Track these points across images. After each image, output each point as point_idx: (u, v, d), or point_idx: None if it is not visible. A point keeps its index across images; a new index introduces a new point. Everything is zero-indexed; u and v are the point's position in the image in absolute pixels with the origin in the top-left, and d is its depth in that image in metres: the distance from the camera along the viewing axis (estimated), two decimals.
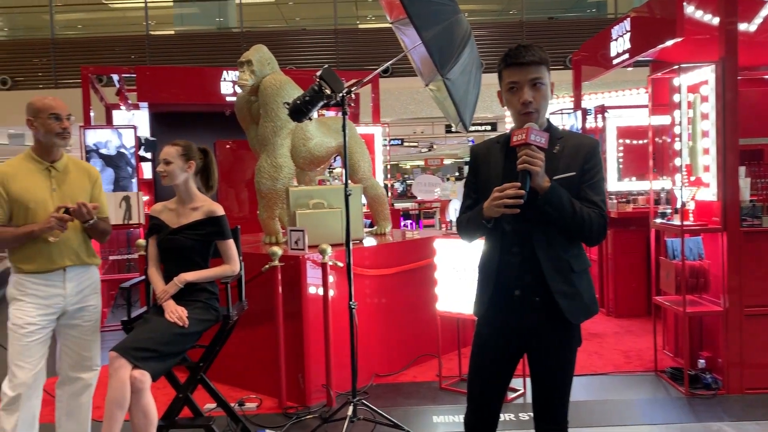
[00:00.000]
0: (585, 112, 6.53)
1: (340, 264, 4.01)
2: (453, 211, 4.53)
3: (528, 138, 1.97)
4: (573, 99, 6.83)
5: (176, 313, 2.88)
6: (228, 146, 7.79)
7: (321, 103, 3.35)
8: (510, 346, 2.22)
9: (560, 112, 7.01)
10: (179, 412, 3.10)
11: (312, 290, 4.00)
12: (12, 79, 13.50)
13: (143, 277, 3.23)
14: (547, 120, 2.17)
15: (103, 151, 5.89)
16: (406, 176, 24.27)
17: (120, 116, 7.93)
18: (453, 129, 18.08)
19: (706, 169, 4.08)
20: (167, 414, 3.06)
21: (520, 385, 4.04)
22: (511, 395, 3.95)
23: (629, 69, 5.78)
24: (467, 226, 2.22)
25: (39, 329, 2.78)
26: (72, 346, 2.93)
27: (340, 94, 3.29)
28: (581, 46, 6.63)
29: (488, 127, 16.94)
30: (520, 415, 3.71)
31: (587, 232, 2.06)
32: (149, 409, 2.69)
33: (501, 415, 2.31)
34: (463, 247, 3.94)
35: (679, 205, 4.13)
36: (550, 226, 2.06)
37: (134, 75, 7.28)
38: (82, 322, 2.92)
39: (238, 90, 4.78)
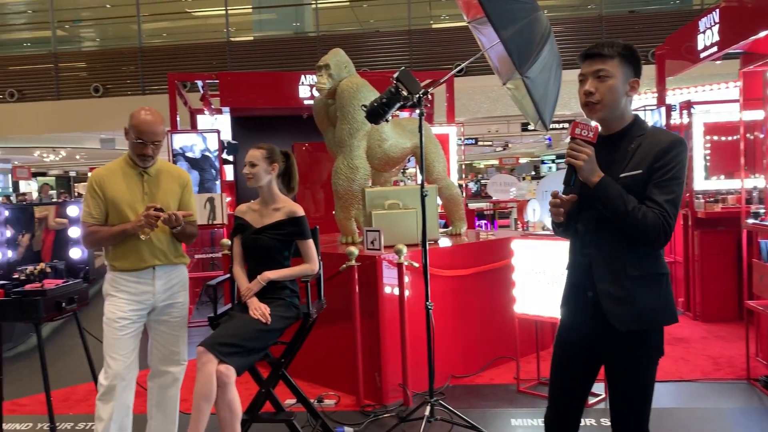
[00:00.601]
0: (669, 109, 6.27)
1: (416, 264, 4.02)
2: (531, 212, 4.46)
3: (573, 131, 2.00)
4: (656, 95, 6.58)
5: (260, 310, 2.97)
6: (304, 148, 7.96)
7: (398, 105, 3.38)
8: (586, 348, 2.17)
9: (643, 108, 6.77)
10: (262, 406, 3.20)
11: (388, 290, 4.03)
12: (103, 87, 14.27)
13: (228, 275, 3.35)
14: (635, 116, 2.12)
15: (188, 154, 6.14)
16: (480, 176, 24.03)
17: (203, 120, 8.24)
18: (530, 127, 17.79)
19: None
20: (250, 408, 3.16)
21: (602, 390, 3.93)
22: (591, 400, 3.85)
23: (717, 62, 5.52)
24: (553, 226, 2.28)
25: (130, 323, 2.93)
26: (161, 341, 3.08)
27: (417, 96, 3.31)
28: (665, 39, 6.39)
29: (566, 125, 16.53)
30: (601, 420, 3.62)
31: (641, 232, 1.97)
32: (234, 402, 2.79)
33: (582, 420, 2.26)
34: (543, 248, 3.88)
35: None
36: (611, 227, 2.02)
37: (217, 81, 7.54)
38: (170, 318, 3.06)
39: (316, 93, 4.88)
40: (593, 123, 2.05)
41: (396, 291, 4.00)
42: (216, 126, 7.64)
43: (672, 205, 1.97)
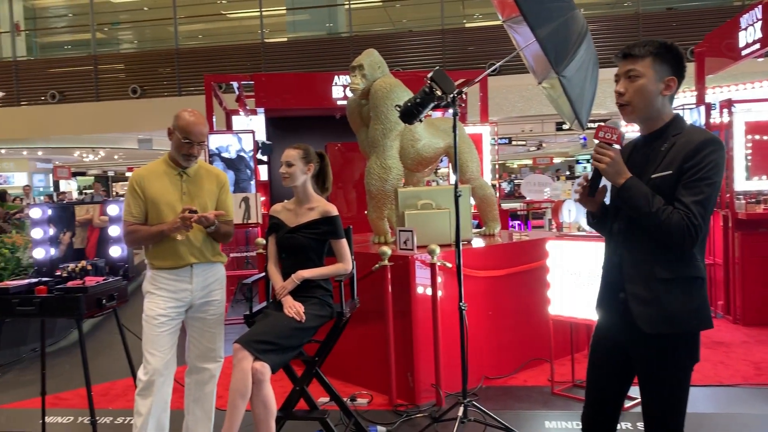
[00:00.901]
0: (709, 107, 6.14)
1: (449, 264, 4.01)
2: (567, 213, 4.42)
3: (596, 134, 2.04)
4: (695, 93, 6.44)
5: (294, 308, 3.00)
6: (337, 148, 8.00)
7: (432, 105, 3.37)
8: (620, 349, 2.15)
9: (682, 107, 6.63)
10: (296, 404, 3.23)
11: (420, 290, 4.03)
12: (141, 88, 14.54)
13: (263, 274, 3.39)
14: (674, 115, 2.09)
15: (224, 154, 6.23)
16: (513, 176, 23.85)
17: (238, 121, 8.35)
18: (565, 127, 17.57)
19: None
20: (284, 405, 3.20)
21: (638, 393, 3.86)
22: (628, 403, 3.79)
23: (759, 60, 5.38)
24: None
25: (169, 320, 2.99)
26: (198, 338, 3.13)
27: (451, 95, 3.30)
28: (704, 37, 6.25)
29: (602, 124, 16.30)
30: (638, 424, 3.56)
31: (665, 234, 1.95)
32: (269, 399, 2.83)
33: (619, 423, 2.24)
34: (579, 250, 3.83)
35: None
36: (642, 228, 2.01)
37: (252, 82, 7.63)
38: (207, 315, 3.11)
39: (349, 94, 4.90)
40: (622, 125, 2.06)
41: (428, 291, 4.00)
42: (251, 126, 7.73)
43: (700, 206, 1.94)
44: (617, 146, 2.03)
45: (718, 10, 12.53)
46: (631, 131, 5.78)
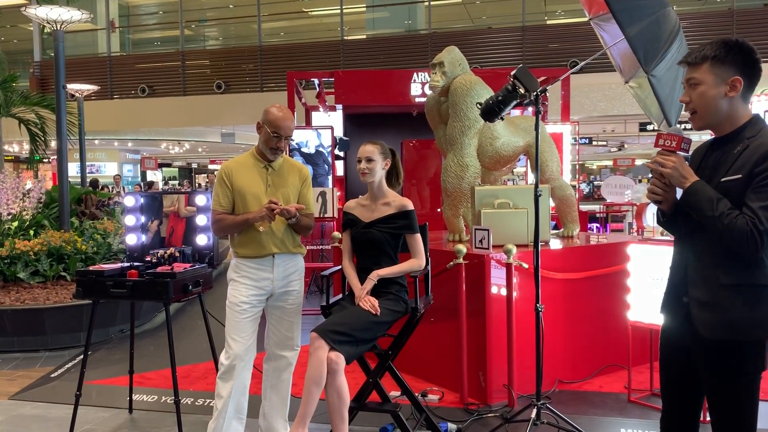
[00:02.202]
0: None
1: (525, 265, 3.96)
2: (651, 216, 4.27)
3: (656, 142, 2.06)
4: None
5: (369, 302, 3.05)
6: (412, 145, 8.03)
7: (514, 103, 3.34)
8: (685, 353, 2.11)
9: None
10: (369, 395, 3.28)
11: (494, 290, 4.00)
12: (225, 84, 15.04)
13: (339, 267, 3.46)
14: (752, 117, 2.03)
15: (303, 149, 6.38)
16: (592, 177, 23.20)
17: (317, 117, 8.51)
18: (650, 127, 16.95)
19: None
20: (357, 396, 3.25)
21: None
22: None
23: None
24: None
25: (250, 308, 3.10)
26: (277, 326, 3.23)
27: (534, 93, 3.26)
28: None
29: (689, 125, 15.64)
30: None
31: (729, 239, 1.91)
32: (343, 389, 2.88)
33: None
34: (662, 254, 3.71)
35: None
36: (710, 232, 1.98)
37: (332, 79, 7.76)
38: (286, 304, 3.20)
39: (428, 91, 4.91)
40: (683, 132, 2.06)
41: (503, 291, 3.97)
42: (329, 122, 7.87)
43: (767, 211, 1.88)
44: (682, 153, 2.03)
45: None
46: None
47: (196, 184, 27.99)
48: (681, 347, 2.12)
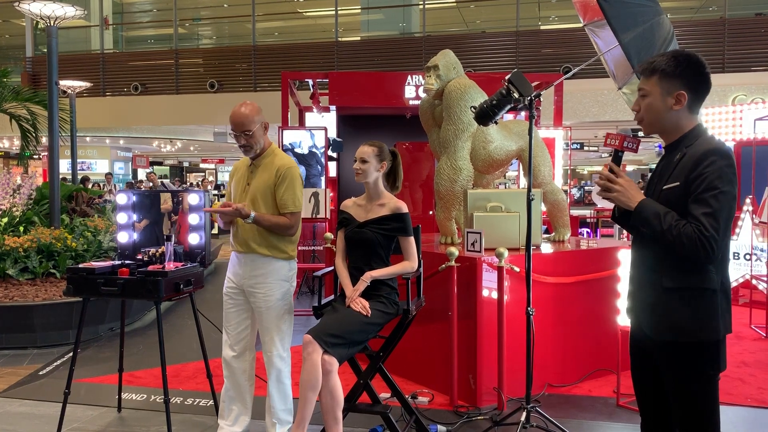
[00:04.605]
0: None
1: (517, 268, 3.98)
2: None
3: (605, 142, 2.17)
4: None
5: (360, 304, 3.05)
6: (405, 147, 8.04)
7: (508, 107, 3.36)
8: (647, 360, 2.18)
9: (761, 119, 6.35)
10: (359, 396, 3.28)
11: (486, 293, 4.02)
12: (218, 83, 15.00)
13: (331, 268, 3.46)
14: (694, 126, 2.08)
15: (296, 150, 6.37)
16: (583, 182, 23.31)
17: (310, 118, 8.50)
18: (640, 134, 17.03)
19: None
20: (348, 397, 3.24)
21: None
22: None
23: None
24: None
25: (228, 299, 3.32)
26: (259, 327, 3.30)
27: (528, 98, 3.27)
28: None
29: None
30: None
31: (679, 248, 1.96)
32: (336, 390, 2.89)
33: None
34: None
35: None
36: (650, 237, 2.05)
37: (326, 80, 7.76)
38: (254, 306, 3.24)
39: (422, 94, 4.92)
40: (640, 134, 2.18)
41: (494, 294, 3.98)
42: (323, 123, 7.86)
43: (710, 217, 1.93)
44: (627, 152, 2.15)
45: None
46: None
47: (187, 183, 27.87)
48: (638, 352, 2.20)
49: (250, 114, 3.11)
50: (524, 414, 3.40)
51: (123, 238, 3.81)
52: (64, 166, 14.76)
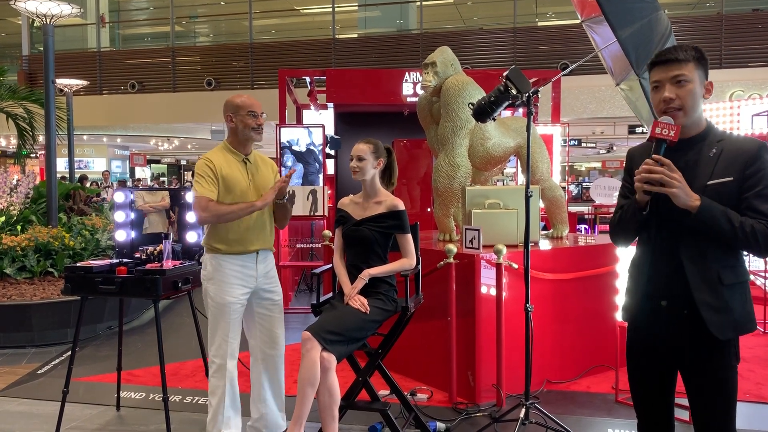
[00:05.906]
0: None
1: (515, 265, 3.98)
2: None
3: (653, 131, 1.96)
4: None
5: (358, 301, 3.05)
6: (403, 144, 8.03)
7: (506, 104, 3.35)
8: (660, 360, 2.12)
9: (766, 113, 6.35)
10: (358, 394, 3.28)
11: (484, 290, 4.02)
12: (215, 80, 14.97)
13: (330, 265, 3.45)
14: (707, 122, 2.06)
15: (294, 147, 6.36)
16: (581, 178, 23.34)
17: (309, 115, 8.49)
18: (639, 130, 17.06)
19: None
20: (347, 395, 3.25)
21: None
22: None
23: None
24: (620, 223, 2.15)
25: (240, 307, 3.11)
26: (264, 324, 3.23)
27: (526, 95, 3.27)
28: None
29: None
30: None
31: (753, 247, 1.94)
32: (334, 388, 2.88)
33: None
34: None
35: None
36: (701, 233, 1.96)
37: (324, 77, 7.75)
38: (271, 302, 3.22)
39: (420, 91, 4.92)
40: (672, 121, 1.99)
41: (493, 291, 3.98)
42: (320, 121, 7.85)
43: None
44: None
45: None
46: None
47: (185, 181, 27.85)
48: (651, 353, 2.13)
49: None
50: (523, 410, 3.40)
51: (121, 236, 3.80)
52: (61, 165, 14.73)
